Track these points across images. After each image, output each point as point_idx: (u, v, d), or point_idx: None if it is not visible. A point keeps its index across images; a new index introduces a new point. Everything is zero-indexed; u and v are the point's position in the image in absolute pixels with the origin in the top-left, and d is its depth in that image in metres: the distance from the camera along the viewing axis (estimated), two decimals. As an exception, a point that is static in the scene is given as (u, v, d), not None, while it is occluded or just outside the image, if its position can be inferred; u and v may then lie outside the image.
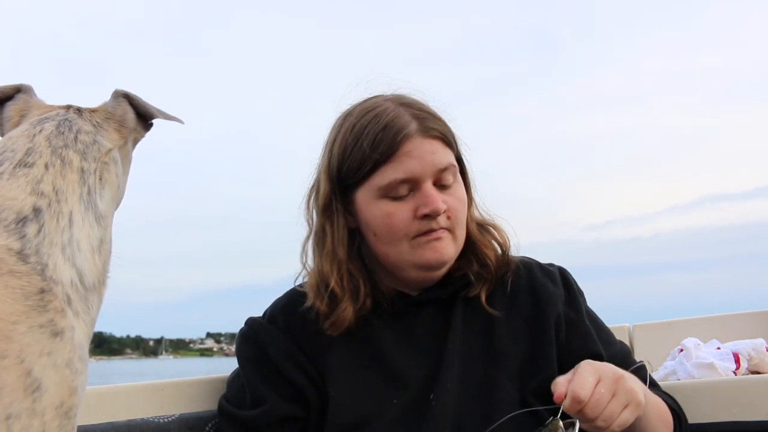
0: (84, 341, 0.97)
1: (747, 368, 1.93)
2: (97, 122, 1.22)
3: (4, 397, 0.80)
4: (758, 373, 1.93)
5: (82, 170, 1.10)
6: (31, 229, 0.99)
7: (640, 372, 1.37)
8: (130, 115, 1.30)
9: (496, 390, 1.38)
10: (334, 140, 1.44)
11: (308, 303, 1.43)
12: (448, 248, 1.40)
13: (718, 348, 1.99)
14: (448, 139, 1.42)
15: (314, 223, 1.48)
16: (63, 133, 1.13)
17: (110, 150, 1.20)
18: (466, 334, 1.43)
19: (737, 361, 1.92)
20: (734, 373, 1.88)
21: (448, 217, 1.39)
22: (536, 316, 1.45)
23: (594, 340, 1.47)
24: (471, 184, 1.51)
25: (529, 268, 1.53)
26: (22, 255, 0.95)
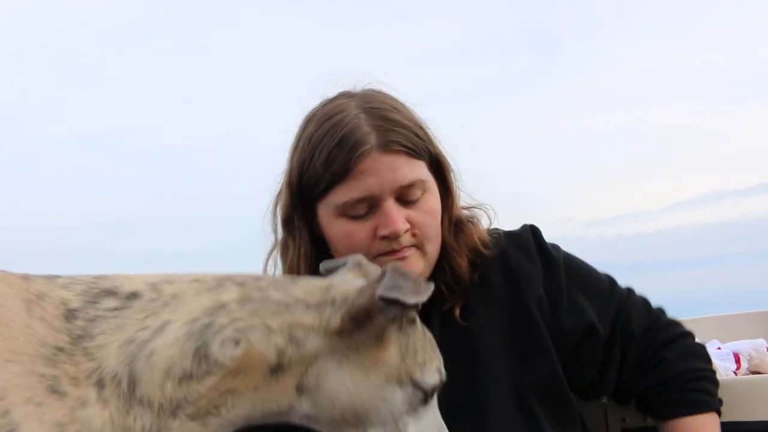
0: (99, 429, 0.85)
1: (747, 368, 1.93)
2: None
3: None
4: (759, 373, 1.93)
5: (222, 305, 0.92)
6: (109, 302, 0.90)
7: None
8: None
9: (484, 399, 1.33)
10: (295, 148, 1.38)
11: None
12: (414, 266, 1.32)
13: (719, 348, 1.99)
14: (414, 150, 1.31)
15: (279, 233, 1.43)
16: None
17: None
18: (445, 349, 1.20)
19: (737, 361, 1.91)
20: (735, 373, 1.88)
21: (414, 234, 1.32)
22: (517, 305, 1.39)
23: (582, 308, 1.40)
24: (453, 184, 1.43)
25: (501, 248, 1.44)
26: (70, 314, 0.88)
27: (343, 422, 0.97)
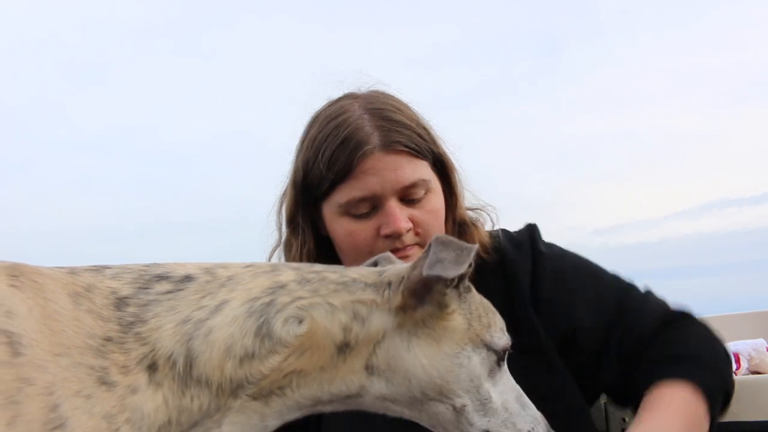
0: (152, 416, 0.83)
1: (747, 368, 1.94)
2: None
3: (19, 426, 0.74)
4: (758, 373, 1.93)
5: (281, 285, 0.91)
6: (161, 287, 0.89)
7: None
8: None
9: None
10: (300, 148, 1.39)
11: None
12: None
13: (719, 348, 1.99)
14: (417, 150, 1.32)
15: (283, 232, 1.44)
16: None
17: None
18: None
19: (737, 361, 1.92)
20: (735, 373, 1.89)
21: (417, 233, 1.32)
22: (515, 312, 1.35)
23: (564, 312, 1.36)
24: (457, 185, 1.43)
25: (503, 250, 1.42)
26: (121, 302, 0.86)
27: (425, 398, 0.96)
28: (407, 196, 1.31)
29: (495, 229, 1.49)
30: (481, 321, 1.00)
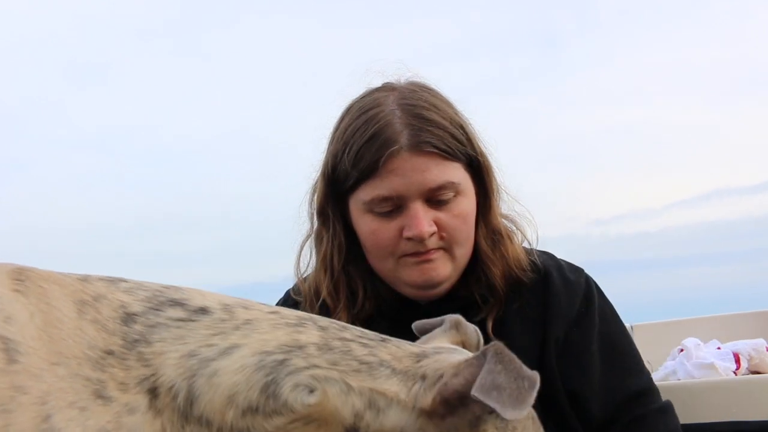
0: None
1: (747, 368, 1.93)
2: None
3: None
4: (758, 373, 1.93)
5: (300, 346, 0.84)
6: (174, 312, 0.84)
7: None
8: None
9: None
10: (331, 139, 1.35)
11: (301, 308, 1.38)
12: (440, 269, 1.29)
13: (719, 348, 1.99)
14: (448, 152, 1.27)
15: (314, 223, 1.41)
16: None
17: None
18: None
19: (737, 361, 1.91)
20: (734, 373, 1.88)
21: (442, 237, 1.28)
22: (544, 336, 1.33)
23: (586, 374, 1.32)
24: (494, 189, 1.37)
25: (546, 276, 1.38)
26: (129, 317, 0.82)
27: None
28: (434, 198, 1.27)
29: (532, 247, 1.43)
30: None
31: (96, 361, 0.79)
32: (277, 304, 1.48)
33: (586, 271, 1.44)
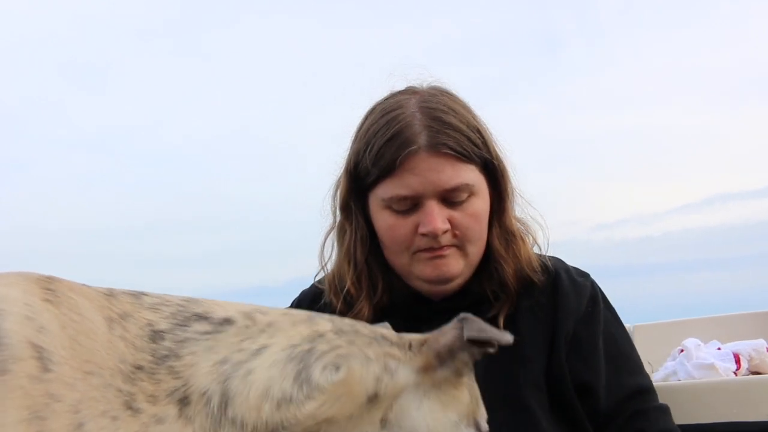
0: None
1: (747, 369, 1.93)
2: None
3: None
4: (758, 373, 1.93)
5: (320, 334, 0.93)
6: (200, 326, 0.88)
7: None
8: None
9: (522, 405, 1.33)
10: (355, 137, 1.42)
11: (325, 299, 1.45)
12: (452, 265, 1.36)
13: (719, 348, 1.99)
14: (463, 154, 1.32)
15: (337, 217, 1.47)
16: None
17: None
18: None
19: (737, 361, 1.92)
20: (734, 373, 1.88)
21: (455, 235, 1.34)
22: (554, 333, 1.39)
23: (593, 368, 1.38)
24: (508, 192, 1.42)
25: (556, 277, 1.44)
26: (156, 335, 0.86)
27: None
28: (449, 198, 1.33)
29: (542, 252, 1.49)
30: (478, 402, 1.04)
31: (127, 375, 0.82)
32: (301, 294, 1.56)
33: (593, 275, 1.51)
